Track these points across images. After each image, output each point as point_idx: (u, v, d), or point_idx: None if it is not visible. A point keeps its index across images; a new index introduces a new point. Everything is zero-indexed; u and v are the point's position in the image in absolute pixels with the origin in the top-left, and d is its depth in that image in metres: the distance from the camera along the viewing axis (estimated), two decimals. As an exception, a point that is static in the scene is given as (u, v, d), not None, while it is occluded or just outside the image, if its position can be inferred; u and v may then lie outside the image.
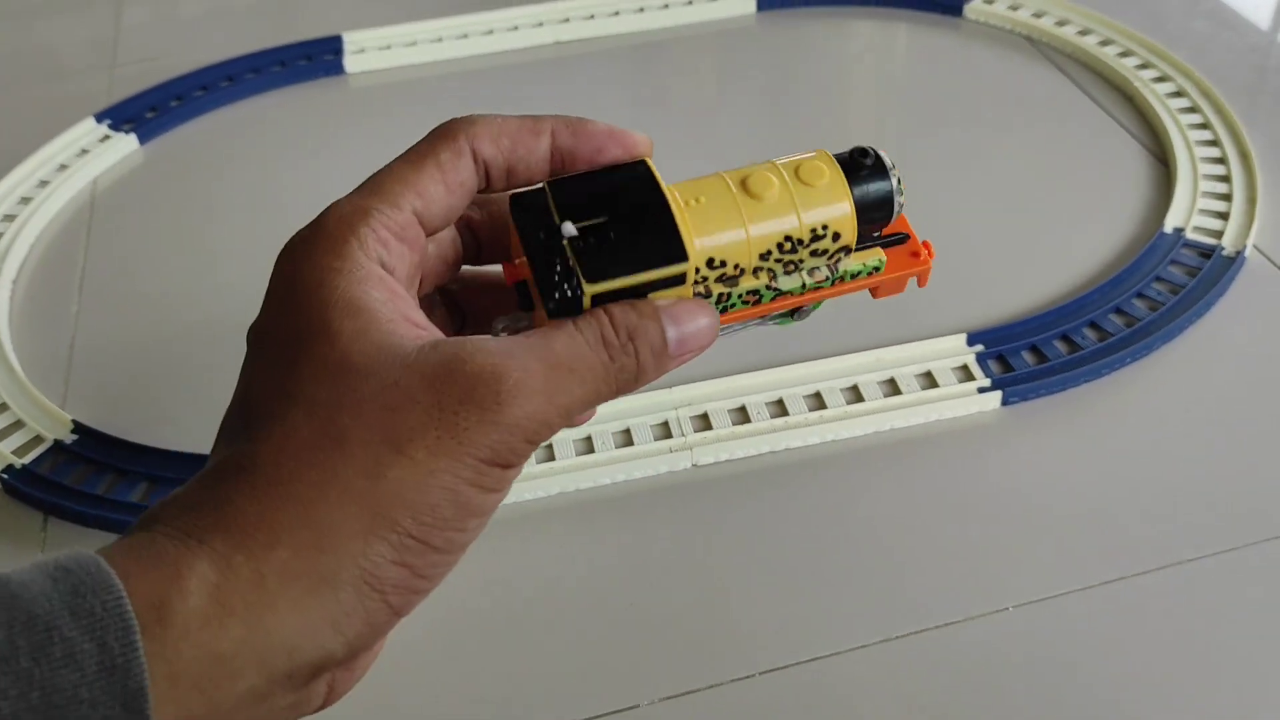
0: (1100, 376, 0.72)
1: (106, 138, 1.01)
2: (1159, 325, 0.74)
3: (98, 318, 0.83)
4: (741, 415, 0.71)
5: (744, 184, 0.41)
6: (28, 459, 0.70)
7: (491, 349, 0.35)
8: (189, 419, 0.74)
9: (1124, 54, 1.02)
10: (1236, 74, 1.00)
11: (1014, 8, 1.10)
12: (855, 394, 0.72)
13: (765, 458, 0.69)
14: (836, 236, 0.42)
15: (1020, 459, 0.68)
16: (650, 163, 0.42)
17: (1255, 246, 0.81)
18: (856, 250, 0.43)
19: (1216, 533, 0.63)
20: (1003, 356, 0.74)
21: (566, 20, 1.13)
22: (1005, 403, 0.71)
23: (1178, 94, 0.96)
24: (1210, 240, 0.81)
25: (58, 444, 0.72)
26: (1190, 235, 0.81)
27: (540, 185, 0.41)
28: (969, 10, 1.10)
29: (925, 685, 0.57)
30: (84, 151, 0.99)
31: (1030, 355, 0.74)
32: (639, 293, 0.39)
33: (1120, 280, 0.78)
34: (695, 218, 0.40)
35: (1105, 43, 1.03)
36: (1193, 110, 0.94)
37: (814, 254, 0.42)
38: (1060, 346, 0.74)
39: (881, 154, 0.43)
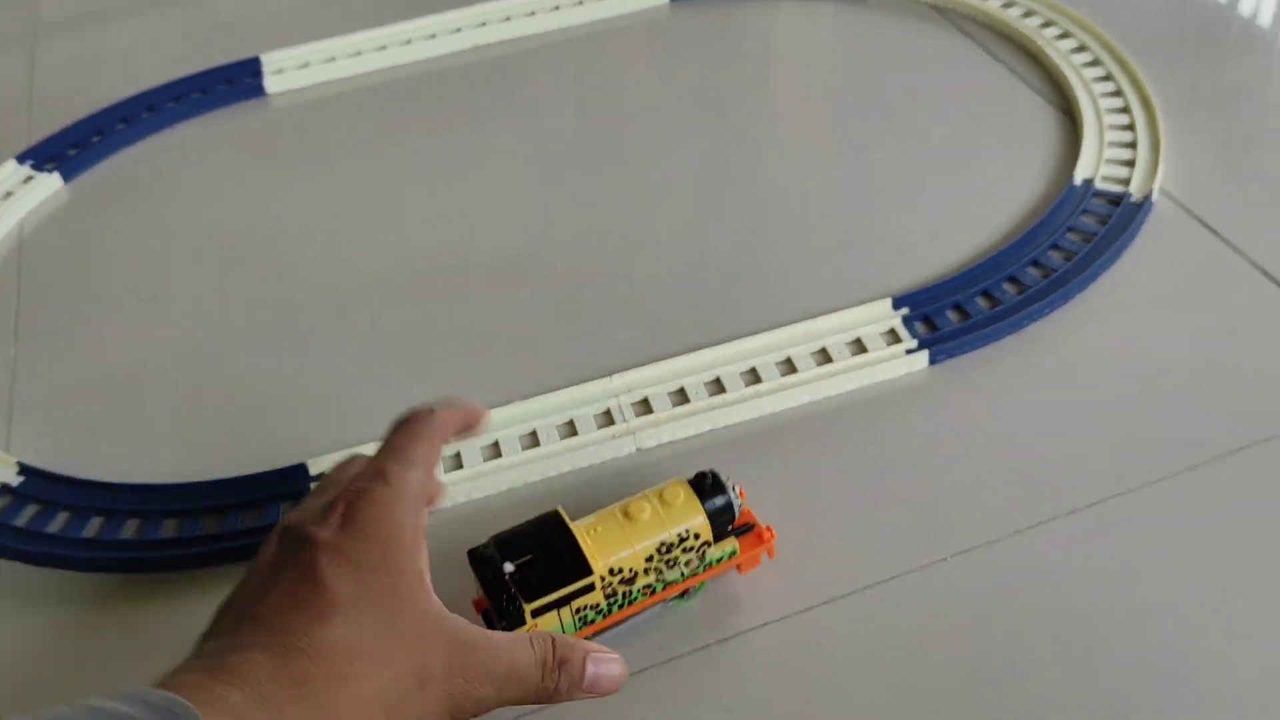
0: (1021, 329, 0.75)
1: (30, 179, 1.01)
2: (1073, 274, 0.77)
3: (36, 359, 0.83)
4: (681, 396, 0.73)
5: (625, 512, 0.58)
6: (-24, 504, 0.71)
7: (494, 638, 0.50)
8: (136, 450, 0.75)
9: (1026, 14, 1.04)
10: (1135, 27, 1.03)
11: (918, -23, 1.12)
12: (789, 366, 0.74)
13: (705, 436, 0.71)
14: (697, 536, 0.58)
15: (950, 415, 0.70)
16: (561, 510, 0.58)
17: (1162, 191, 0.84)
18: (717, 542, 0.59)
19: (1136, 471, 0.65)
20: (928, 317, 0.76)
21: (484, 24, 1.14)
22: (933, 361, 0.73)
23: (1080, 49, 0.99)
24: (1118, 188, 0.84)
25: (4, 487, 0.72)
26: (1099, 185, 0.84)
27: (488, 540, 0.58)
28: (875, -17, 1.13)
29: (867, 642, 0.59)
30: (8, 194, 0.99)
31: (954, 314, 0.76)
32: (565, 602, 0.56)
33: (1034, 234, 0.81)
34: (595, 542, 0.57)
35: (1008, 5, 1.06)
36: (1096, 64, 0.97)
37: (685, 551, 0.58)
38: (982, 303, 0.77)
39: (719, 474, 0.60)
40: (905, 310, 0.76)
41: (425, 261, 0.88)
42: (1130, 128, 0.89)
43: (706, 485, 0.60)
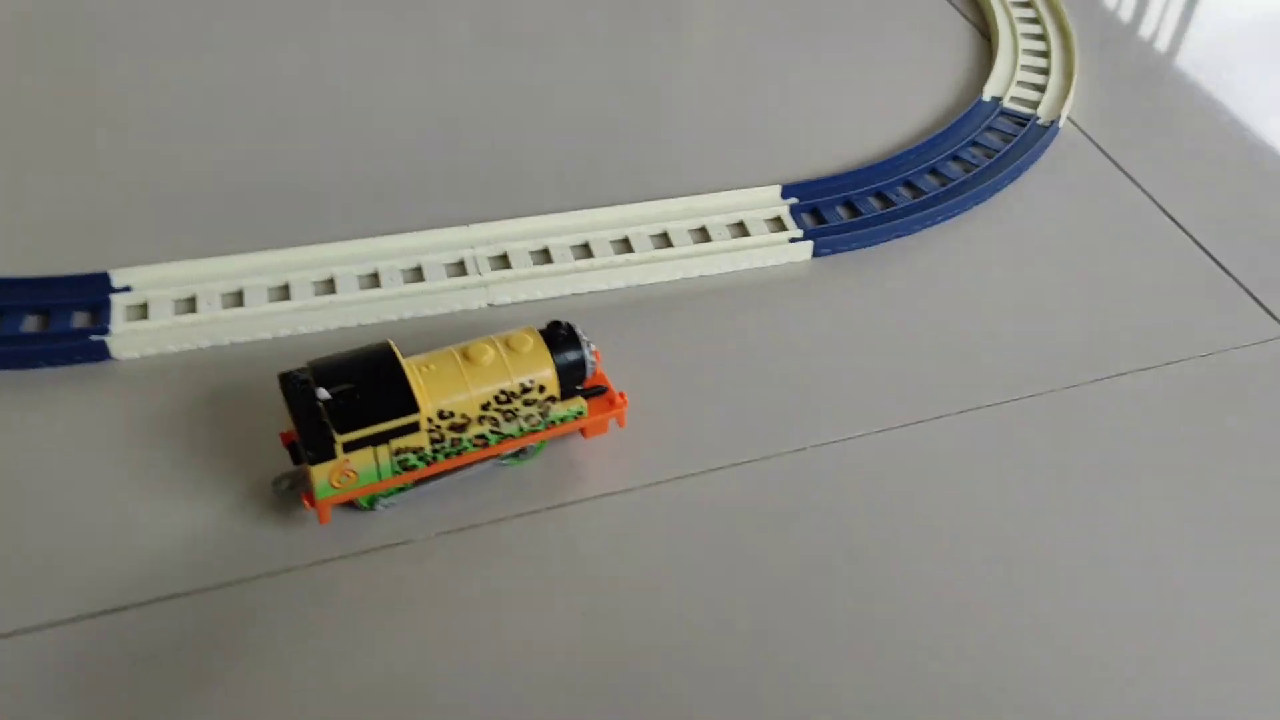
0: (911, 233, 0.71)
1: None
2: (971, 186, 0.73)
3: None
4: (544, 257, 0.67)
5: (465, 354, 0.52)
6: None
7: None
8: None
9: (954, -66, 1.00)
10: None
11: (849, -116, 1.07)
12: (664, 240, 0.68)
13: (567, 300, 0.65)
14: (543, 389, 0.53)
15: (828, 309, 0.66)
16: (391, 343, 0.51)
17: (1069, 118, 0.81)
18: (563, 400, 0.53)
19: (1007, 384, 0.62)
20: (817, 210, 0.71)
21: None
22: (816, 254, 0.69)
23: (1003, -27, 0.95)
24: (1026, 110, 0.80)
25: None
26: (1008, 105, 0.81)
27: (305, 365, 0.51)
28: (804, -117, 1.07)
29: (708, 524, 0.54)
30: None
31: (844, 210, 0.72)
32: (383, 440, 0.49)
33: (936, 142, 0.77)
34: (427, 381, 0.51)
35: (936, -77, 1.02)
36: (1017, -11, 0.93)
37: (527, 404, 0.52)
38: (874, 203, 0.72)
39: (575, 327, 0.54)
40: (794, 200, 0.71)
41: (286, 92, 0.80)
42: (1045, 54, 0.86)
43: (560, 336, 0.54)
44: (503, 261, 0.66)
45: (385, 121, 0.77)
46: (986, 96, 0.81)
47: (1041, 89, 0.82)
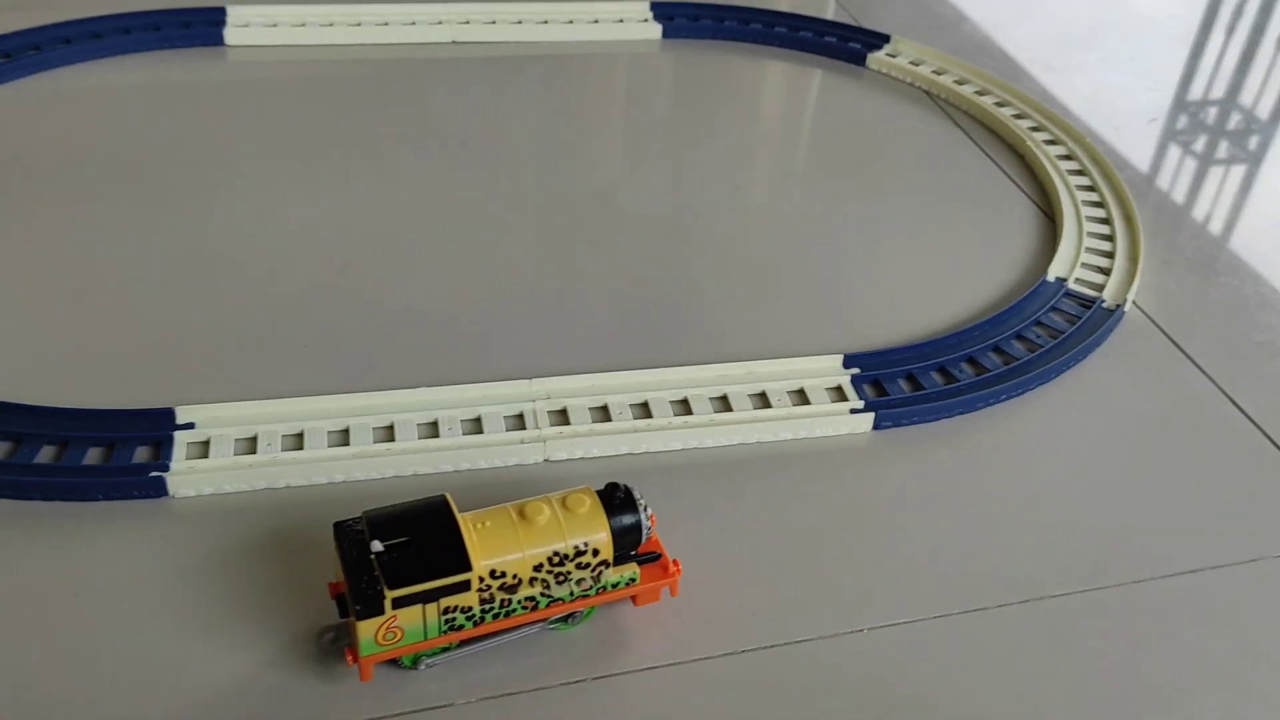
0: (974, 410, 0.70)
1: (-51, 75, 0.93)
2: (1035, 366, 0.73)
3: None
4: (603, 414, 0.67)
5: (521, 512, 0.51)
6: None
7: None
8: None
9: (1019, 116, 1.02)
10: (1131, 146, 1.01)
11: (915, 63, 1.10)
12: (724, 404, 0.68)
13: (624, 459, 0.65)
14: (596, 553, 0.52)
15: (888, 484, 0.65)
16: (448, 497, 0.51)
17: (1134, 303, 0.80)
18: (616, 565, 0.52)
19: (1074, 574, 0.60)
20: (878, 382, 0.71)
21: (467, 22, 1.10)
22: (877, 426, 0.68)
23: (1068, 157, 0.96)
24: (1091, 292, 0.80)
25: None
26: (1072, 286, 0.81)
27: (360, 515, 0.50)
28: (871, 61, 1.10)
29: (770, 705, 0.52)
30: (-79, 85, 0.91)
31: (906, 383, 0.71)
32: (433, 597, 0.48)
33: (1001, 320, 0.77)
34: (481, 538, 0.50)
35: (1001, 104, 1.04)
36: (1081, 173, 0.94)
37: (579, 567, 0.51)
38: (937, 377, 0.72)
39: (632, 489, 0.53)
40: (855, 370, 0.71)
41: (354, 239, 0.82)
42: (1110, 238, 0.86)
43: (617, 499, 0.53)
44: (562, 417, 0.66)
45: (451, 271, 0.79)
46: (1051, 277, 0.81)
47: (1106, 272, 0.82)
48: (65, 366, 0.68)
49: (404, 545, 0.49)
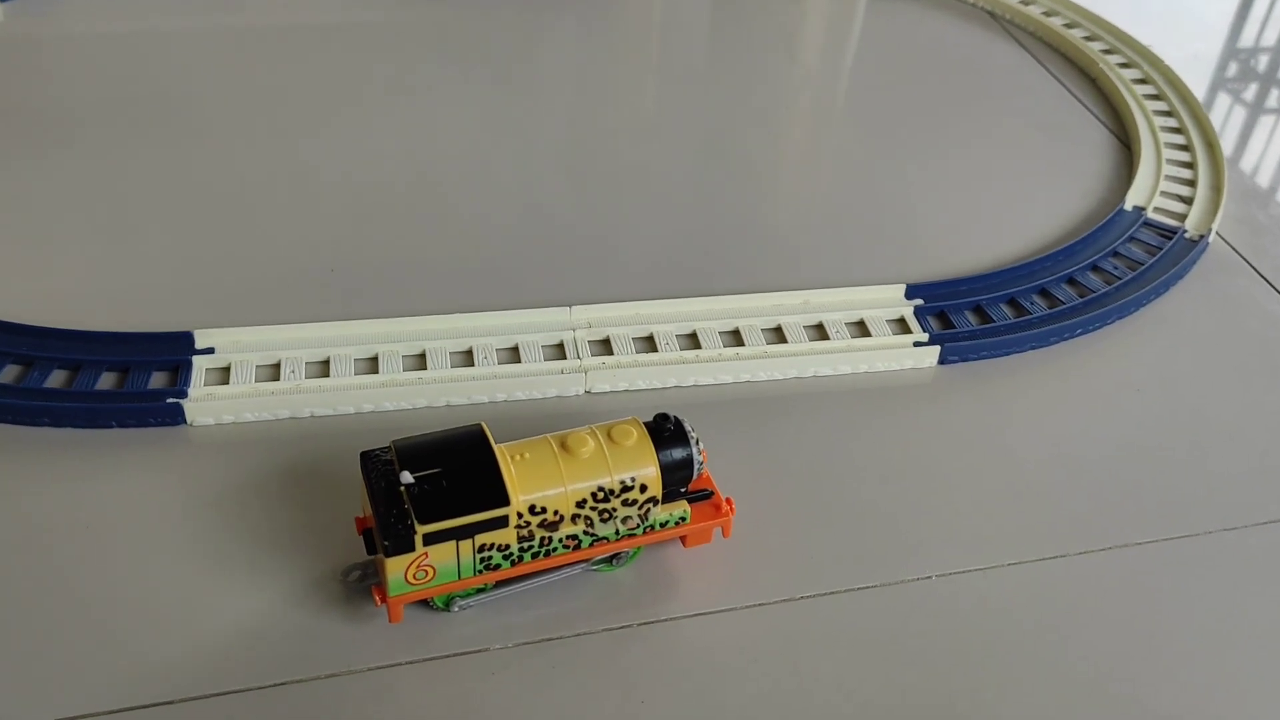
0: (1047, 344, 0.65)
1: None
2: (1113, 299, 0.67)
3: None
4: (648, 344, 0.62)
5: (563, 444, 0.47)
6: None
7: None
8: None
9: (1089, 38, 0.96)
10: (1208, 69, 0.95)
11: (978, -17, 1.03)
12: (778, 335, 0.64)
13: (670, 392, 0.60)
14: (644, 489, 0.47)
15: (956, 423, 0.60)
16: (484, 426, 0.47)
17: (1218, 233, 0.75)
18: (665, 503, 0.48)
19: (1156, 521, 0.55)
20: (944, 314, 0.66)
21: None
22: (943, 361, 0.63)
23: (1143, 80, 0.90)
24: (1173, 222, 0.74)
25: None
26: (1151, 215, 0.75)
27: (389, 443, 0.46)
28: (932, -20, 1.04)
29: (828, 654, 0.48)
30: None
31: (973, 316, 0.66)
32: (468, 533, 0.44)
33: (1075, 250, 0.71)
34: (520, 470, 0.46)
35: (1070, 25, 0.98)
36: (1158, 98, 0.88)
37: (625, 504, 0.47)
38: (1007, 310, 0.67)
39: (683, 421, 0.49)
40: (919, 301, 0.66)
41: (386, 165, 0.77)
42: (1190, 165, 0.80)
43: (666, 431, 0.49)
44: (604, 347, 0.62)
45: (487, 196, 0.74)
46: (1128, 206, 0.75)
47: (1188, 201, 0.77)
48: (79, 290, 0.64)
49: (436, 477, 0.45)
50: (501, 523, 0.45)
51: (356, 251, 0.69)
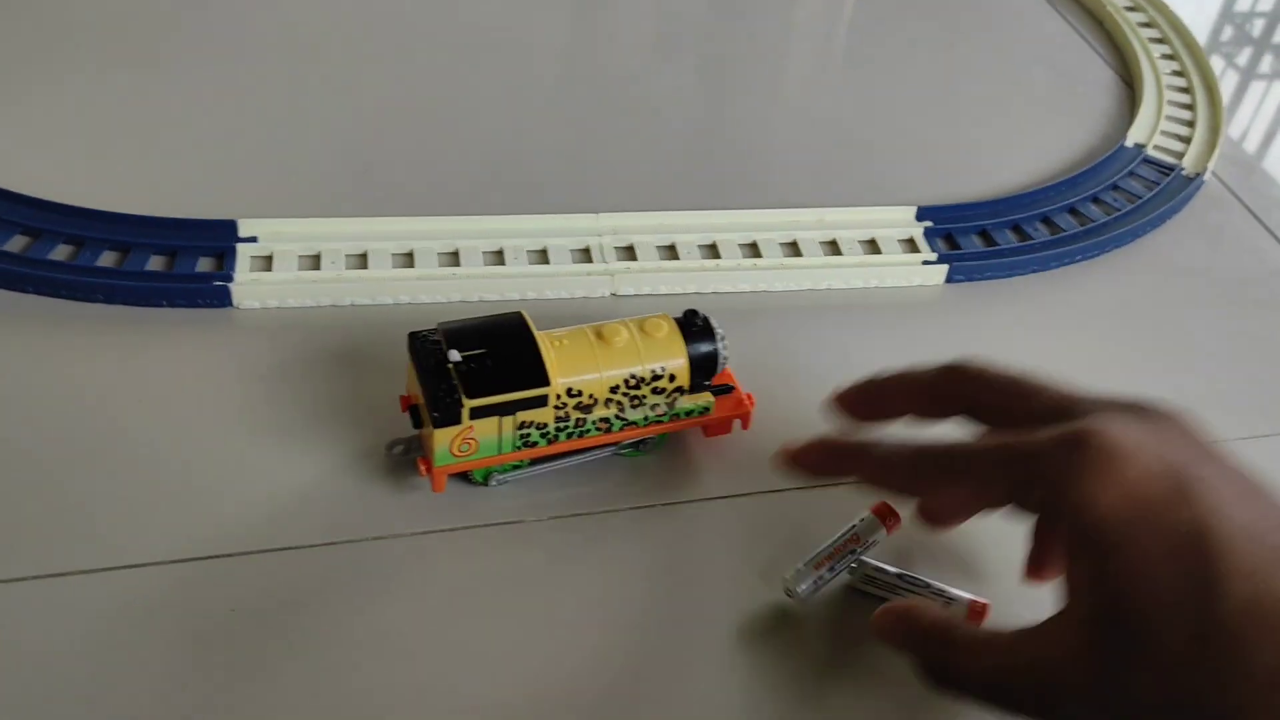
0: (1047, 269, 0.68)
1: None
2: (1111, 228, 0.71)
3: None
4: (670, 252, 0.65)
5: (599, 333, 0.51)
6: None
7: None
8: (45, 164, 0.65)
9: (1098, -20, 0.98)
10: (1212, 15, 0.97)
11: (992, -78, 1.05)
12: (794, 249, 0.67)
13: (691, 298, 0.63)
14: (673, 378, 0.51)
15: (958, 337, 0.63)
16: (524, 313, 0.50)
17: (1214, 173, 0.78)
18: (691, 393, 0.52)
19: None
20: (951, 236, 0.69)
21: None
22: (950, 279, 0.66)
23: (1148, 24, 0.93)
24: (1170, 159, 0.78)
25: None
26: (1151, 152, 0.78)
27: (435, 326, 0.49)
28: (946, -83, 1.06)
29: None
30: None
31: (979, 239, 0.70)
32: (510, 410, 0.48)
33: (1077, 182, 0.74)
34: (559, 355, 0.49)
35: (1080, -33, 1.00)
36: (1162, 41, 0.91)
37: (654, 391, 0.51)
38: (1011, 235, 0.70)
39: (710, 319, 0.53)
40: (928, 223, 0.69)
41: (419, 67, 0.79)
42: (1190, 107, 0.83)
43: (695, 326, 0.52)
44: (629, 253, 0.65)
45: (515, 104, 0.77)
46: (1129, 142, 0.79)
47: (1186, 140, 0.80)
48: (127, 175, 0.66)
49: (481, 357, 0.48)
50: (541, 402, 0.49)
51: (392, 146, 0.71)
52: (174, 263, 0.60)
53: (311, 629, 0.45)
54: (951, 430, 0.46)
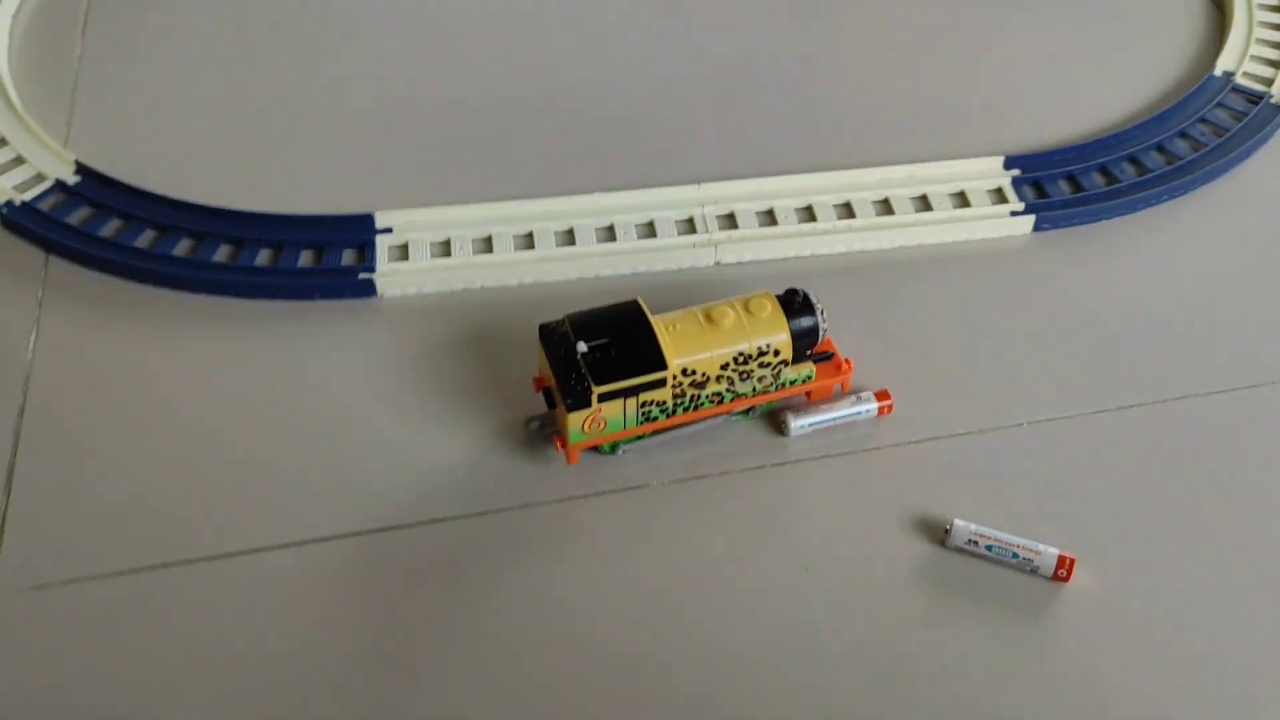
0: (1136, 211, 0.71)
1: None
2: (1199, 165, 0.72)
3: (102, 60, 0.79)
4: (769, 218, 0.70)
5: (708, 315, 0.55)
6: (29, 196, 0.68)
7: None
8: (198, 168, 0.72)
9: (1190, -109, 0.97)
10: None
11: None
12: (886, 207, 0.70)
13: (791, 262, 0.68)
14: (777, 353, 0.56)
15: (1048, 285, 0.67)
16: (641, 301, 0.56)
17: (1305, 98, 0.79)
18: (794, 364, 0.57)
19: (1226, 373, 0.62)
20: (1039, 183, 0.72)
21: None
22: (1038, 228, 0.70)
23: (1241, -62, 0.92)
24: (1260, 87, 0.78)
25: (60, 183, 0.69)
26: (1240, 81, 0.79)
27: (563, 318, 0.55)
28: None
29: (934, 492, 0.57)
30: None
31: (1067, 184, 0.72)
32: (633, 393, 0.54)
33: (1164, 118, 0.76)
34: (673, 339, 0.55)
35: (1172, -122, 0.98)
36: (1255, -44, 0.90)
37: (761, 365, 0.56)
38: (1098, 178, 0.72)
39: (810, 295, 0.57)
40: (1016, 172, 0.72)
41: (525, 53, 0.84)
42: (1283, 28, 0.83)
43: (796, 303, 0.57)
44: (730, 221, 0.69)
45: (618, 80, 0.80)
46: (1218, 71, 0.79)
47: (1276, 65, 0.80)
48: (273, 177, 0.72)
49: (605, 346, 0.54)
50: (660, 383, 0.54)
51: (509, 131, 0.76)
52: (321, 257, 0.66)
53: (479, 589, 0.53)
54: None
